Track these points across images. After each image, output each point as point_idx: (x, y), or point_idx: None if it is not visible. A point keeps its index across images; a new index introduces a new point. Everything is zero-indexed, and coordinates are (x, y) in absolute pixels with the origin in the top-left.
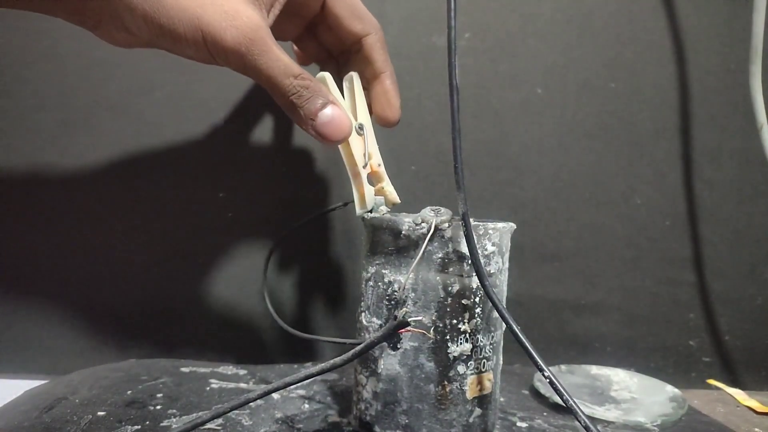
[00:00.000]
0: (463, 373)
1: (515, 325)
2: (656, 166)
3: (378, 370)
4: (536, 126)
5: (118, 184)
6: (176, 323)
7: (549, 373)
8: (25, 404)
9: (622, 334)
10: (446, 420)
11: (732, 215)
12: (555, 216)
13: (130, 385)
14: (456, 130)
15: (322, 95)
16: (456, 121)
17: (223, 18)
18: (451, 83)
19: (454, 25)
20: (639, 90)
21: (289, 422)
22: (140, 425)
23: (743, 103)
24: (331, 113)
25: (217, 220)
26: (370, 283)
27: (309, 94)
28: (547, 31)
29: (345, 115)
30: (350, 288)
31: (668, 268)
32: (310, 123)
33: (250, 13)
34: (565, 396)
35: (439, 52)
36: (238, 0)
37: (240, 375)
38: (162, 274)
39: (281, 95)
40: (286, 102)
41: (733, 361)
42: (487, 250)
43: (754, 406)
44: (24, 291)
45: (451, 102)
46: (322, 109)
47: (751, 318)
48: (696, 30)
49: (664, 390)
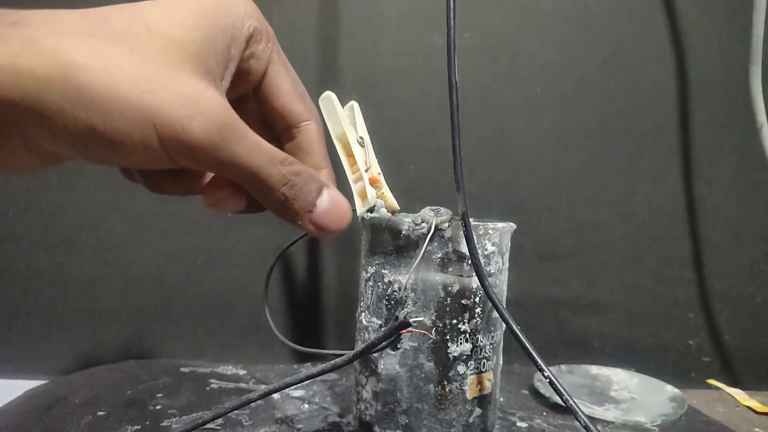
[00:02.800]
0: (463, 373)
1: (515, 324)
2: (656, 165)
3: (378, 370)
4: (536, 125)
5: (117, 183)
6: (176, 323)
7: (549, 373)
8: (25, 404)
9: (622, 333)
10: (446, 420)
11: (732, 214)
12: (555, 215)
13: (130, 385)
14: (456, 129)
15: (316, 179)
16: (456, 120)
17: (183, 104)
18: (450, 82)
19: (453, 24)
20: (638, 89)
21: (289, 422)
22: (140, 425)
23: (743, 102)
24: (330, 198)
25: (217, 220)
26: (369, 283)
27: (302, 182)
28: (547, 29)
29: (343, 198)
30: (350, 288)
31: (668, 267)
32: (307, 217)
33: (212, 92)
34: (565, 396)
35: (439, 51)
36: (191, 78)
37: (240, 375)
38: (162, 274)
39: (268, 190)
40: (275, 197)
41: (733, 360)
42: (487, 250)
43: (753, 406)
44: (24, 291)
45: (450, 101)
46: (318, 197)
47: (751, 317)
48: (696, 29)
49: (663, 390)
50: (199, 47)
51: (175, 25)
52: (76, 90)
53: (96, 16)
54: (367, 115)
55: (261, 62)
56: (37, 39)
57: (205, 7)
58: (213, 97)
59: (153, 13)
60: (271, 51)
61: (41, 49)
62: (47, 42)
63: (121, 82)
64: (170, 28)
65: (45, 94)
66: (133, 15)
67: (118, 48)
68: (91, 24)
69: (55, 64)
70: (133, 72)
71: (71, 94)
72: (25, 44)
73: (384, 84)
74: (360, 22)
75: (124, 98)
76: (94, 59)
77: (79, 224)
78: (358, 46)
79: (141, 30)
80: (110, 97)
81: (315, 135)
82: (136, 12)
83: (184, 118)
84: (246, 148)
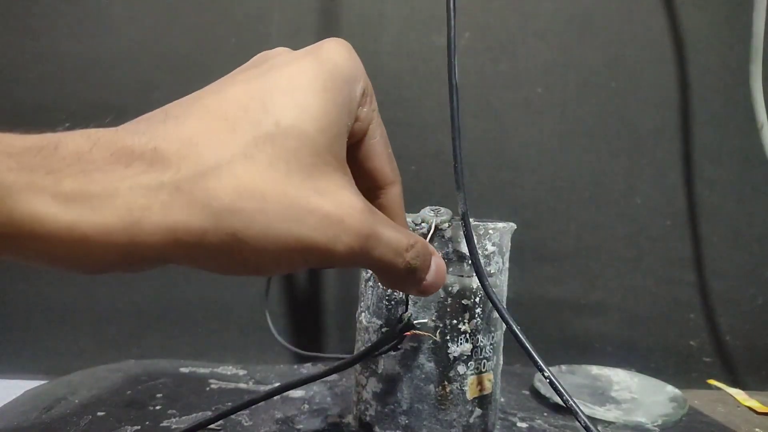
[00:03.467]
0: (463, 373)
1: (515, 325)
2: (656, 166)
3: (378, 370)
4: (536, 126)
5: None
6: (176, 323)
7: (549, 374)
8: (25, 404)
9: (623, 334)
10: (446, 420)
11: (732, 215)
12: (555, 216)
13: (130, 386)
14: (456, 129)
15: (428, 252)
16: (456, 121)
17: (328, 226)
18: (450, 83)
19: (453, 24)
20: (639, 89)
21: (289, 422)
22: (140, 425)
23: (743, 102)
24: (436, 267)
25: None
26: (369, 283)
27: (422, 261)
28: (547, 30)
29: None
30: (350, 288)
31: (668, 268)
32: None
33: (353, 198)
34: (565, 396)
35: (439, 51)
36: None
37: (240, 375)
38: (162, 274)
39: (393, 276)
40: (398, 279)
41: (734, 361)
42: (488, 250)
43: (754, 406)
44: (24, 291)
45: (450, 101)
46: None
47: (752, 318)
48: (696, 30)
49: (664, 390)
50: (329, 138)
51: (303, 115)
52: (230, 237)
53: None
54: None
55: (364, 124)
56: (182, 186)
57: (324, 78)
58: (352, 208)
59: (275, 100)
60: (373, 111)
61: (191, 201)
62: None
63: (271, 222)
64: (299, 120)
65: (200, 244)
66: (256, 107)
67: (257, 167)
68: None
69: (206, 215)
70: (278, 205)
71: (227, 242)
72: (174, 195)
73: (384, 84)
74: (360, 22)
75: (275, 237)
76: (241, 203)
77: None
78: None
79: (271, 129)
80: (263, 239)
81: (398, 198)
82: (258, 102)
83: (330, 241)
84: (381, 250)
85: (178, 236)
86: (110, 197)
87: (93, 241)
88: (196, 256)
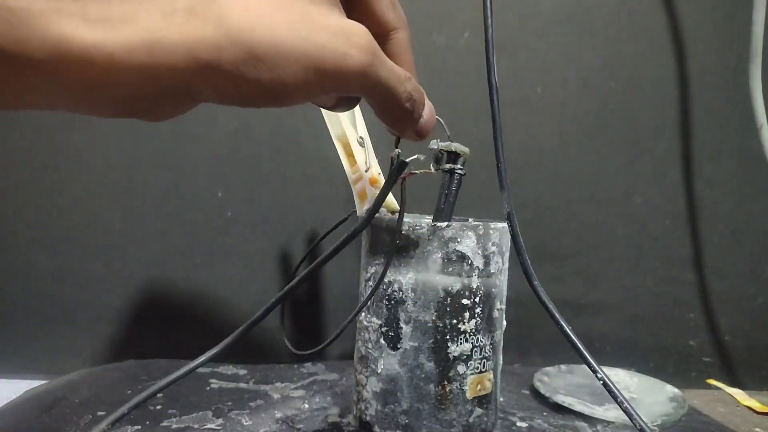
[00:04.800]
0: (463, 373)
1: (565, 324)
2: (656, 165)
3: (378, 370)
4: (536, 125)
5: (117, 183)
6: (176, 323)
7: (602, 375)
8: (25, 404)
9: (623, 333)
10: (446, 420)
11: (732, 214)
12: (555, 215)
13: (130, 385)
14: (498, 129)
15: (422, 92)
16: (497, 121)
17: (337, 43)
18: (490, 82)
19: (491, 23)
20: (639, 89)
21: (289, 422)
22: (140, 425)
23: (743, 102)
24: (429, 108)
25: (215, 220)
26: (369, 283)
27: (418, 96)
28: (547, 29)
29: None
30: (350, 288)
31: (668, 268)
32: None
33: (353, 22)
34: (620, 398)
35: (439, 50)
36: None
37: (240, 375)
38: (161, 274)
39: (396, 104)
40: (399, 111)
41: (733, 361)
42: (488, 250)
43: (754, 406)
44: (24, 290)
45: (491, 101)
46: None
47: (752, 318)
48: (696, 29)
49: (664, 390)
50: None
51: None
52: (245, 53)
53: None
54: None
55: None
56: (195, 9)
57: None
58: (357, 27)
59: None
60: None
61: (205, 20)
62: (205, 10)
63: (282, 37)
64: None
65: (217, 61)
66: None
67: None
68: None
69: (220, 32)
70: (287, 23)
71: (241, 58)
72: (189, 17)
73: None
74: None
75: (287, 52)
76: (252, 19)
77: (79, 224)
78: None
79: None
80: (276, 54)
81: (405, 43)
82: None
83: (342, 56)
84: (385, 70)
85: (197, 54)
86: (131, 20)
87: (117, 60)
88: (216, 80)
